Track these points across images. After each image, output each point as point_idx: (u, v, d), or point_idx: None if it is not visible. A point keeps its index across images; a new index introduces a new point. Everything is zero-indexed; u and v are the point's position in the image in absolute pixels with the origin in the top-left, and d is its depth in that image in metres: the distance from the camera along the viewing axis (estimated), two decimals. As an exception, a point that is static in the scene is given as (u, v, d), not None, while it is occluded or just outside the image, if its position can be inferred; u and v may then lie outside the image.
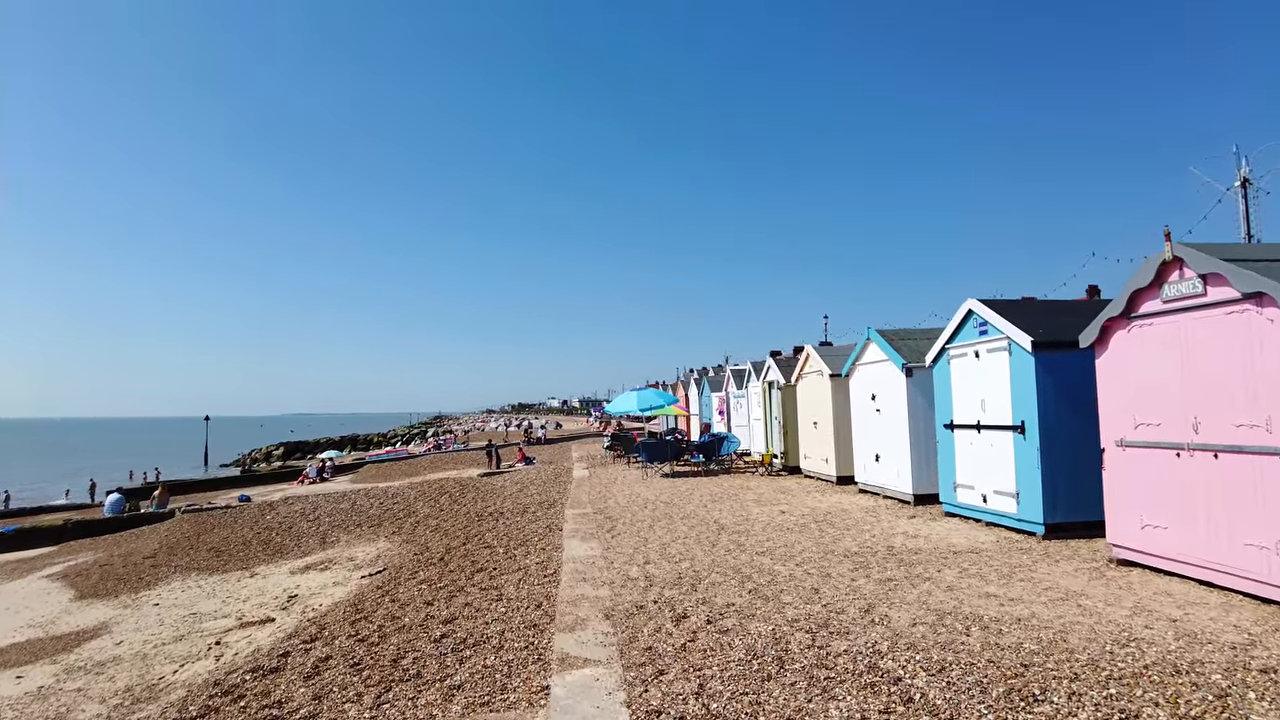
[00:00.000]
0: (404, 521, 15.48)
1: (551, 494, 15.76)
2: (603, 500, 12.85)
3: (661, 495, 13.07)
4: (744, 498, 12.30)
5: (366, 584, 9.88)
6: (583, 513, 11.27)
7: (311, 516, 18.43)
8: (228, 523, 19.30)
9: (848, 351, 13.91)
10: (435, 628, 6.29)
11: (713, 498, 12.41)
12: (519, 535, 10.79)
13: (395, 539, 13.47)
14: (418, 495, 19.67)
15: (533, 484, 18.46)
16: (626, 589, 6.21)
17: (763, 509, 10.85)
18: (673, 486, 14.51)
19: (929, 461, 10.58)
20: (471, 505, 15.86)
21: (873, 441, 11.77)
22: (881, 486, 11.56)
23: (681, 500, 12.20)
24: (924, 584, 6.10)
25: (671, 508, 11.33)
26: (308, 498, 22.26)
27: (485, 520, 13.20)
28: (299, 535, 16.10)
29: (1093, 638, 4.62)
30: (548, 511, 13.01)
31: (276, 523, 18.19)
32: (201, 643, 9.07)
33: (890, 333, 11.53)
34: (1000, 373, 8.39)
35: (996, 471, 8.47)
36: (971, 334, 9.00)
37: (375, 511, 17.80)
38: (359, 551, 13.07)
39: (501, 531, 11.44)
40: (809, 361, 14.65)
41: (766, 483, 14.57)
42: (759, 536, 8.53)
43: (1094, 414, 7.15)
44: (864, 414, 12.10)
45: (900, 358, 10.78)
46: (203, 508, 22.46)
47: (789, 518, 9.92)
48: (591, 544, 8.43)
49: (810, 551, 7.56)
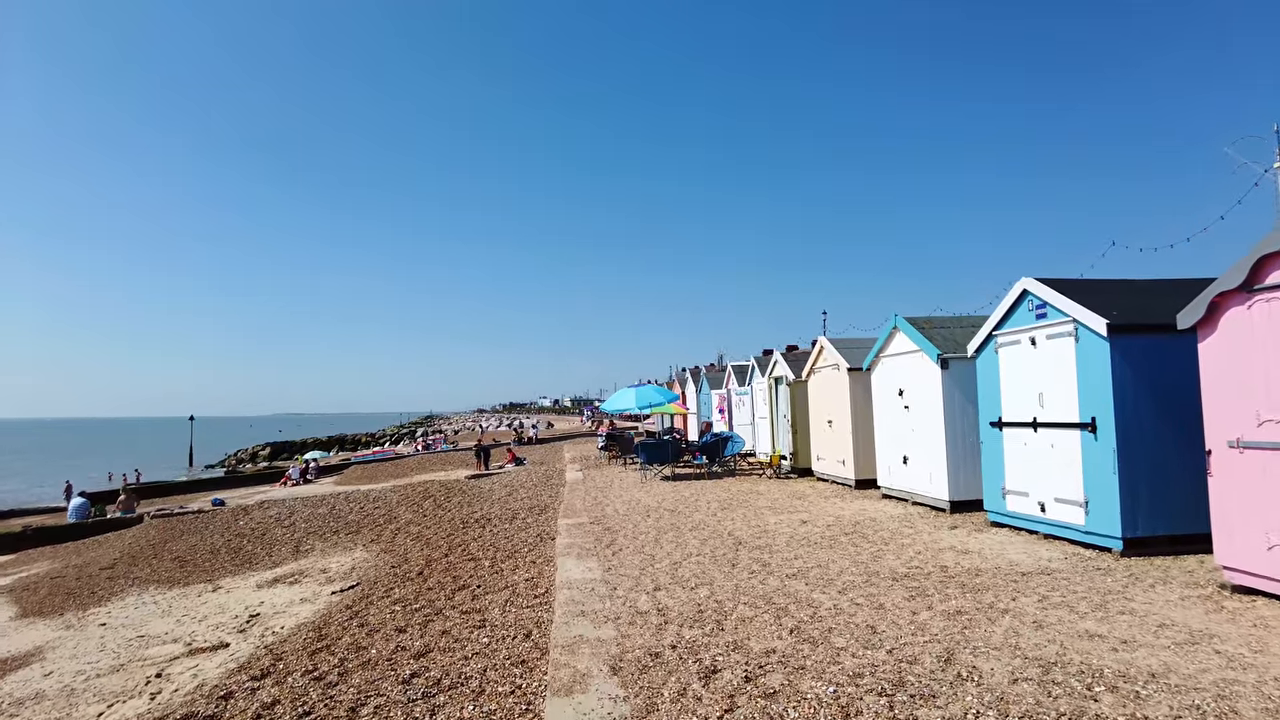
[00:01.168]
0: (384, 528, 14.26)
1: (543, 498, 14.64)
2: (599, 507, 11.65)
3: (664, 501, 11.87)
4: (756, 504, 11.11)
5: (336, 602, 8.71)
6: (578, 522, 10.06)
7: (287, 522, 17.17)
8: (198, 529, 18.00)
9: (867, 344, 12.74)
10: (405, 664, 5.16)
11: (721, 504, 11.22)
12: (507, 545, 9.65)
13: (373, 548, 12.27)
14: (401, 499, 18.46)
15: (523, 487, 17.32)
16: (636, 627, 5.01)
17: (780, 518, 9.67)
18: (675, 491, 13.32)
19: (967, 464, 9.43)
20: (457, 510, 14.71)
21: (900, 442, 10.60)
22: (910, 492, 10.39)
23: (687, 507, 11.00)
24: (1003, 618, 4.93)
25: (677, 516, 10.13)
26: (285, 501, 20.98)
27: (471, 527, 12.05)
28: (272, 543, 14.83)
29: (1268, 707, 3.45)
30: (539, 518, 11.89)
31: (249, 529, 16.91)
32: (141, 674, 7.82)
33: (920, 320, 10.37)
34: (1064, 362, 7.23)
35: (1059, 476, 7.31)
36: (1026, 318, 7.83)
37: (355, 517, 16.57)
38: (334, 562, 11.85)
39: (488, 541, 10.31)
40: (823, 355, 13.48)
41: (777, 487, 13.40)
42: (784, 553, 7.33)
43: (1185, 409, 6.01)
44: (889, 411, 10.94)
45: (934, 348, 9.61)
46: (173, 512, 21.12)
47: (813, 529, 8.74)
48: (589, 563, 7.21)
49: (851, 573, 6.37)
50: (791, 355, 15.92)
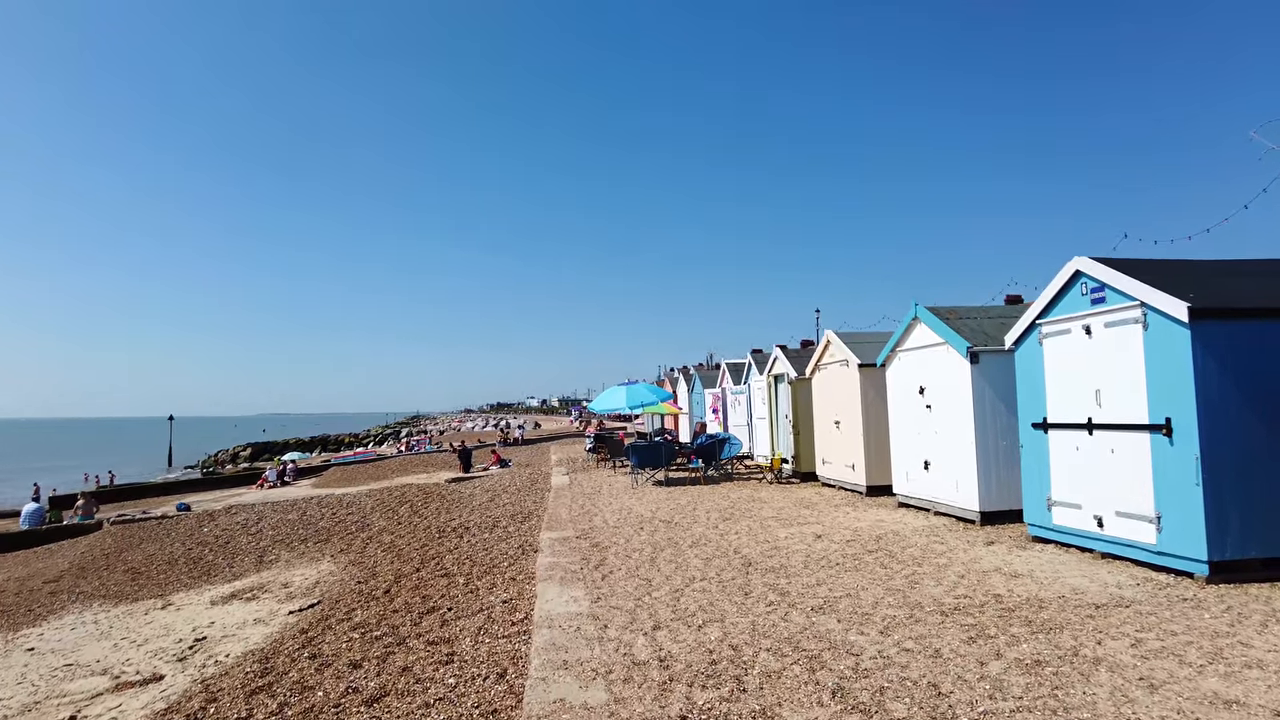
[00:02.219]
0: (356, 537, 13.14)
1: (526, 504, 13.58)
2: (587, 517, 10.55)
3: (659, 510, 10.78)
4: (760, 514, 10.04)
5: (292, 624, 7.65)
6: (562, 536, 8.95)
7: (253, 529, 16.00)
8: (158, 536, 16.78)
9: (879, 338, 11.71)
10: (354, 712, 4.08)
11: (722, 514, 10.14)
12: (485, 559, 8.63)
13: (342, 559, 11.17)
14: (376, 504, 17.31)
15: (505, 492, 16.25)
16: (633, 687, 3.90)
17: (791, 531, 8.60)
18: (670, 498, 12.24)
19: (1001, 470, 8.41)
20: (434, 518, 13.62)
21: (920, 445, 9.56)
22: (932, 500, 9.34)
23: (684, 518, 9.92)
24: (1098, 673, 3.87)
25: (675, 529, 9.04)
26: (254, 507, 19.77)
27: (447, 537, 10.99)
28: (234, 553, 13.66)
29: None
30: (521, 527, 10.85)
31: (213, 537, 15.71)
32: (55, 715, 6.70)
33: (944, 310, 9.33)
34: (1128, 353, 6.20)
35: (1121, 486, 6.28)
36: (1078, 303, 6.80)
37: (326, 524, 15.41)
38: (297, 575, 10.72)
39: (464, 553, 9.28)
40: (830, 349, 12.43)
41: (780, 493, 12.34)
42: (804, 578, 6.26)
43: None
44: (908, 411, 9.89)
45: (962, 340, 8.57)
46: (134, 518, 19.86)
47: (830, 545, 7.67)
48: (574, 590, 6.11)
49: (889, 605, 5.30)
50: (793, 351, 14.87)
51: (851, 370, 11.50)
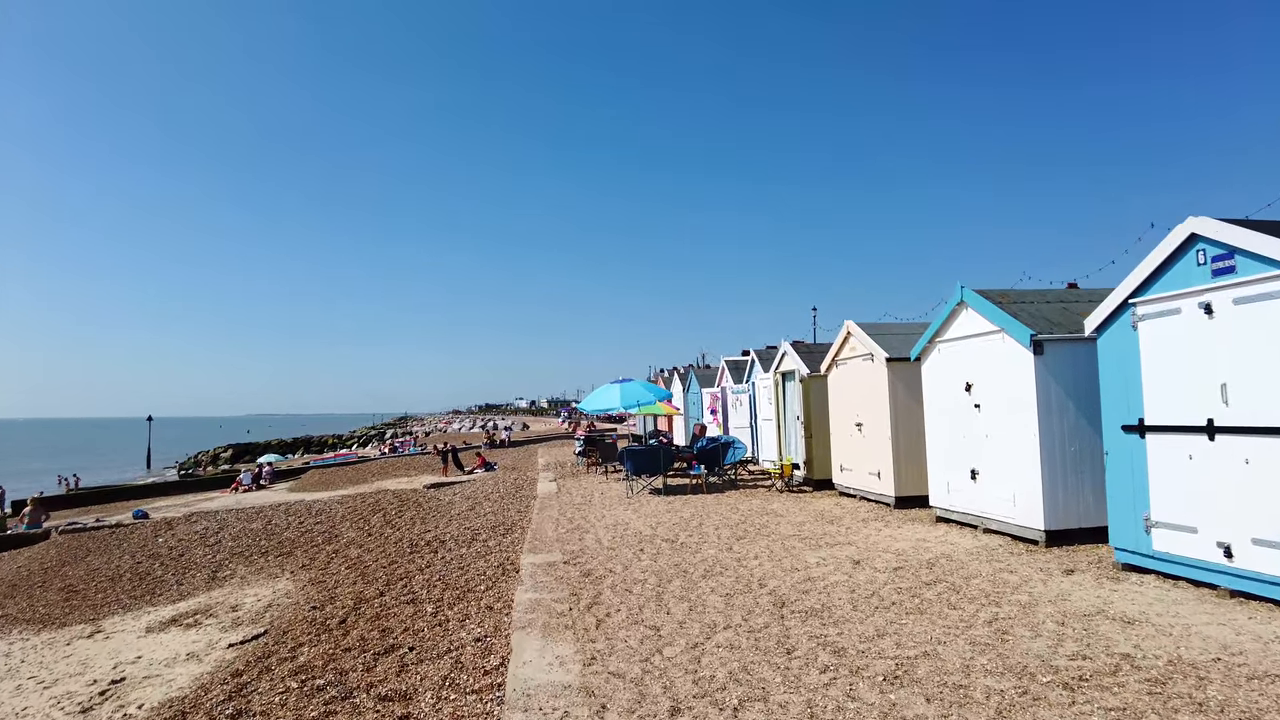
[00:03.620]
0: (321, 549, 11.70)
1: (509, 514, 12.19)
2: (577, 533, 9.11)
3: (660, 525, 9.35)
4: (778, 530, 8.64)
5: (228, 662, 6.34)
6: (547, 561, 7.50)
7: (212, 540, 14.48)
8: (108, 547, 15.22)
9: (909, 330, 10.35)
10: None
11: (734, 530, 8.72)
12: (458, 581, 7.34)
13: (302, 575, 9.76)
14: (348, 513, 15.82)
15: (487, 499, 14.82)
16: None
17: (821, 554, 7.19)
18: (670, 510, 10.82)
19: (1069, 481, 7.05)
20: (408, 529, 12.21)
21: (966, 451, 8.18)
22: (981, 515, 7.96)
23: (691, 536, 8.49)
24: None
25: (682, 551, 7.60)
26: (217, 514, 18.23)
27: (420, 552, 9.65)
28: (187, 567, 12.15)
29: None
30: (502, 540, 9.55)
31: (167, 549, 14.18)
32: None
33: (995, 294, 7.96)
34: (1270, 335, 4.84)
35: (1262, 506, 4.90)
36: (1193, 275, 5.43)
37: (291, 534, 13.93)
38: (250, 595, 9.27)
39: (436, 573, 8.01)
40: (850, 343, 11.03)
41: (794, 504, 10.93)
42: (856, 624, 4.84)
43: None
44: (950, 411, 8.51)
45: (1024, 327, 7.19)
46: (85, 527, 18.24)
47: (874, 574, 6.27)
48: (561, 646, 4.65)
49: (984, 671, 3.89)
50: (804, 346, 13.49)
51: (877, 365, 10.12)
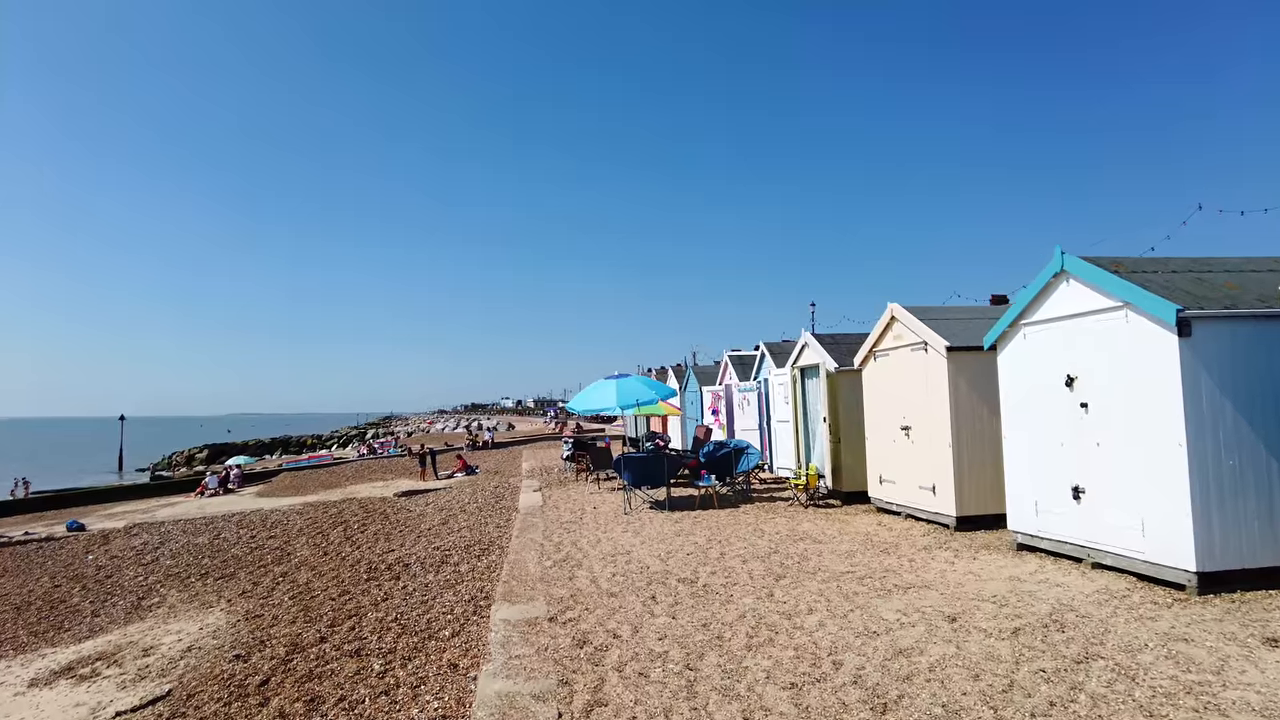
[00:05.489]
0: (269, 571, 9.87)
1: (487, 530, 10.50)
2: (567, 570, 7.18)
3: (671, 557, 7.46)
4: (825, 564, 6.77)
5: None
6: (526, 618, 5.57)
7: (149, 557, 12.53)
8: (29, 567, 13.19)
9: (972, 314, 8.57)
10: None
11: (768, 566, 6.83)
12: (418, 622, 5.86)
13: (239, 606, 7.95)
14: (307, 525, 13.93)
15: (463, 511, 13.03)
16: None
17: (894, 604, 5.34)
18: (679, 531, 8.96)
19: (1231, 508, 5.26)
20: (369, 548, 10.44)
21: (1065, 462, 6.37)
22: (1091, 546, 6.14)
23: (715, 573, 6.60)
24: None
25: (707, 600, 5.71)
26: (162, 526, 16.23)
27: (378, 578, 7.98)
28: (110, 593, 10.17)
29: None
30: (476, 564, 8.09)
31: (94, 569, 12.20)
32: None
33: (1108, 261, 6.16)
34: None
35: None
36: None
37: (239, 551, 12.03)
38: (171, 633, 7.38)
39: (393, 608, 6.47)
40: (894, 330, 9.20)
41: (827, 524, 9.09)
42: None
43: None
44: (1040, 411, 6.69)
45: (1164, 300, 5.39)
46: (10, 540, 16.14)
47: (984, 640, 4.42)
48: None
49: None
50: (829, 338, 11.66)
51: (933, 357, 8.29)
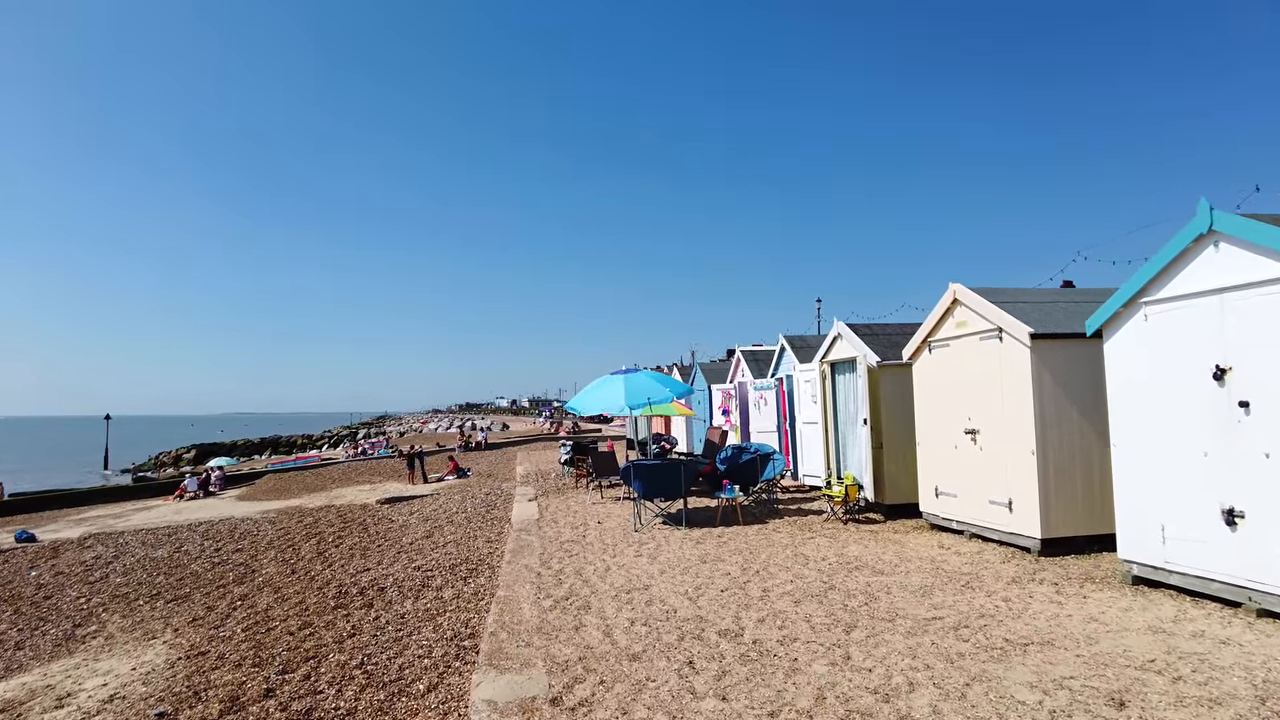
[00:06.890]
0: (228, 592, 8.46)
1: (476, 545, 9.26)
2: (572, 616, 5.70)
3: (702, 597, 6.00)
4: (901, 606, 5.34)
5: None
6: (518, 700, 4.07)
7: (97, 575, 11.02)
8: (-39, 585, 11.62)
9: (1050, 298, 7.16)
10: None
11: (830, 610, 5.39)
12: (387, 668, 4.84)
13: (185, 638, 6.55)
14: (279, 535, 12.51)
15: (450, 522, 11.70)
16: None
17: (1015, 672, 3.90)
18: (703, 556, 7.52)
19: None
20: (343, 566, 9.10)
21: (1212, 477, 4.96)
22: (1252, 587, 4.74)
23: (764, 622, 5.14)
24: None
25: (765, 668, 4.24)
26: (120, 537, 14.69)
27: (348, 606, 6.72)
28: (45, 616, 8.67)
29: None
30: (461, 588, 6.98)
31: (34, 587, 10.67)
32: None
33: (1267, 216, 4.76)
34: None
35: None
36: None
37: (200, 566, 10.57)
38: (97, 674, 5.98)
39: (360, 648, 5.24)
40: (955, 316, 7.78)
41: (878, 545, 7.66)
42: None
43: None
44: (1173, 413, 5.28)
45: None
46: (-48, 555, 14.60)
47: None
48: None
49: None
50: (867, 329, 10.24)
51: (1012, 346, 6.86)
